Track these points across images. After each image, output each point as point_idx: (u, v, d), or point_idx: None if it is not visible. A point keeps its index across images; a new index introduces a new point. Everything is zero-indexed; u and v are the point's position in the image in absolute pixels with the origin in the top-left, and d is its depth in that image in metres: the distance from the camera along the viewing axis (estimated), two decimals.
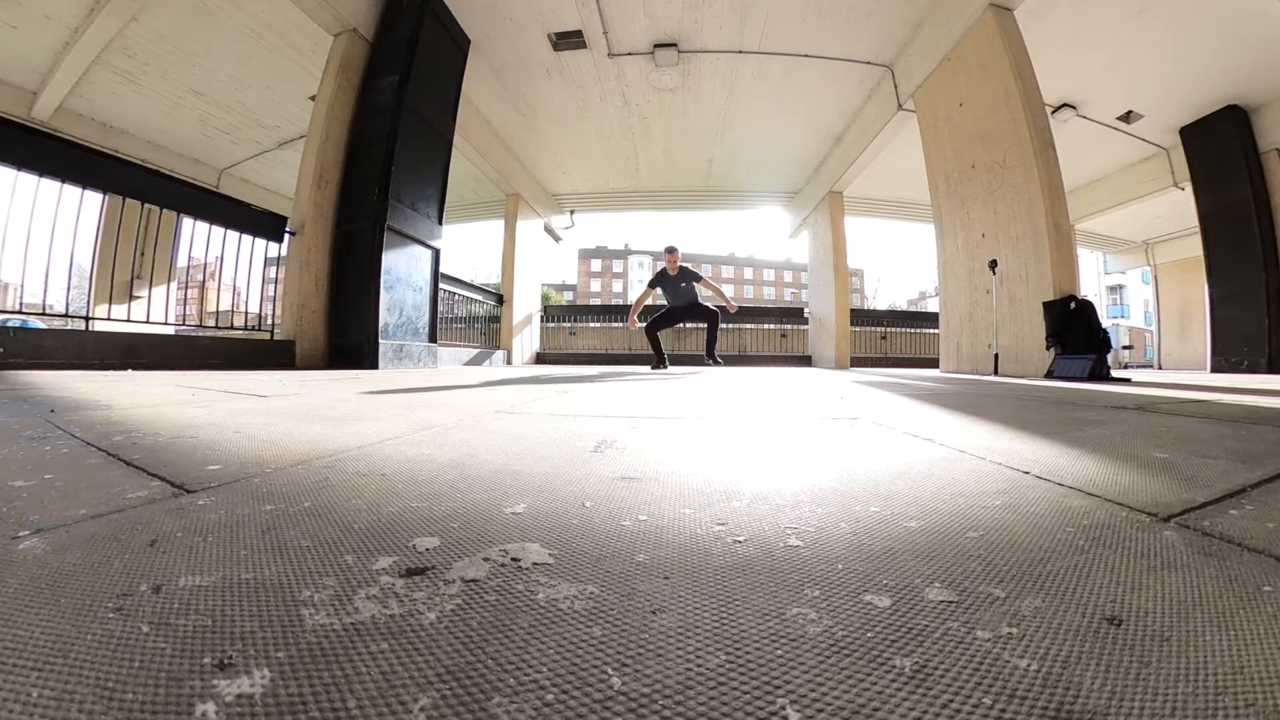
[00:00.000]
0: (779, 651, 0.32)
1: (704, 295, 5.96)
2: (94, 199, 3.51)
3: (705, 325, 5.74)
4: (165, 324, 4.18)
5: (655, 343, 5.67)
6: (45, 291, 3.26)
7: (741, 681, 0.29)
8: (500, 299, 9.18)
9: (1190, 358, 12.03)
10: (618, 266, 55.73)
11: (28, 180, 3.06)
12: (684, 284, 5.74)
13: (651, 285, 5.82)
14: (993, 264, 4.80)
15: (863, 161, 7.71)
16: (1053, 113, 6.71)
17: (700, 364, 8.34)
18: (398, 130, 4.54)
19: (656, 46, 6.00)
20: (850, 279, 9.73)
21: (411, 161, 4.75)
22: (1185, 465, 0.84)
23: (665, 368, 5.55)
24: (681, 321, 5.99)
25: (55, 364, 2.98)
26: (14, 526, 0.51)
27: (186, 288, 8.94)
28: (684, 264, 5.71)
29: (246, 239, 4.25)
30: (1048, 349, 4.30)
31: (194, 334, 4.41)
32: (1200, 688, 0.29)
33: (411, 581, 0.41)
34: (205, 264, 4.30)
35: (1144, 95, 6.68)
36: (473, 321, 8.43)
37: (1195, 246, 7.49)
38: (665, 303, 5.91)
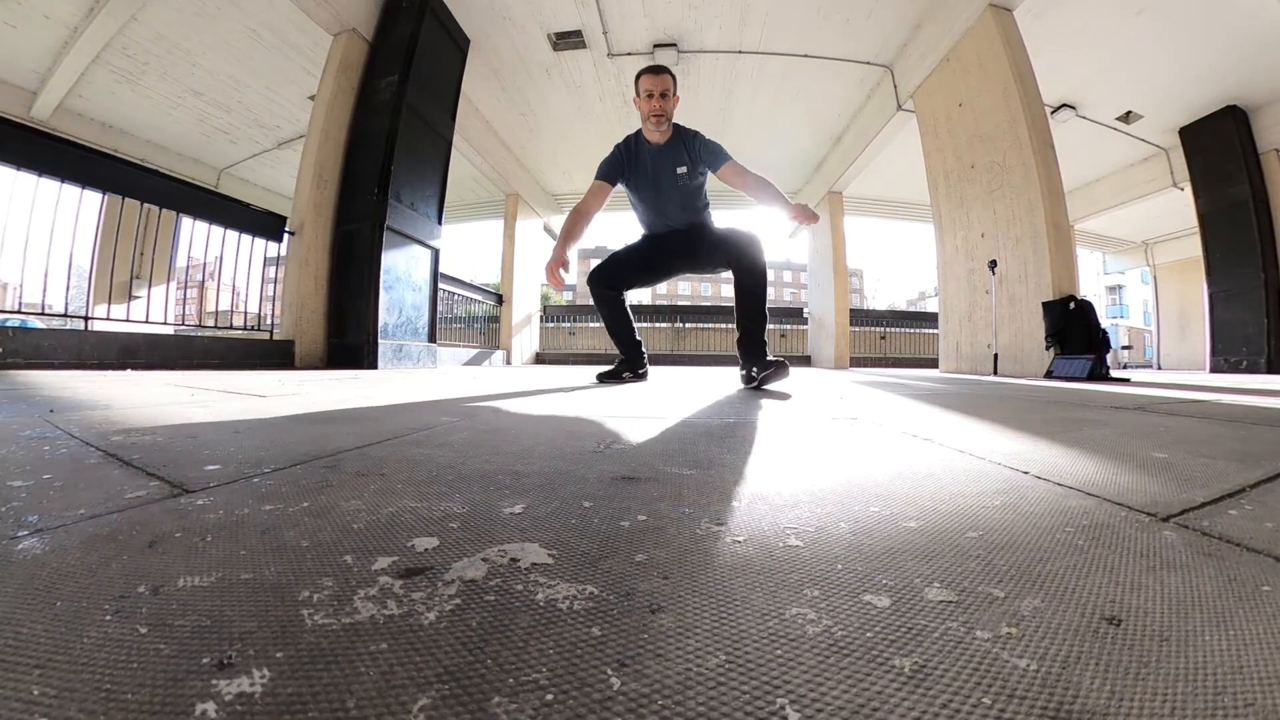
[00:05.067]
0: (778, 651, 0.32)
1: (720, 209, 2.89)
2: (93, 198, 3.51)
3: (734, 277, 2.55)
4: (164, 324, 4.18)
5: (620, 323, 2.75)
6: (44, 291, 3.26)
7: (741, 681, 0.29)
8: (500, 299, 9.18)
9: (1189, 358, 12.05)
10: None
11: (27, 180, 3.06)
12: (680, 171, 2.56)
13: (607, 176, 2.63)
14: (992, 264, 4.80)
15: (862, 161, 7.72)
16: (1052, 113, 6.72)
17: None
18: (397, 130, 4.54)
19: (656, 46, 6.00)
20: (850, 279, 9.74)
21: (411, 161, 4.75)
22: (1184, 465, 0.84)
23: (637, 376, 2.80)
24: (676, 270, 2.79)
25: (54, 364, 2.97)
26: (12, 526, 0.51)
27: (185, 288, 8.94)
28: (685, 126, 2.61)
29: (246, 239, 4.25)
30: (1047, 349, 4.30)
31: (193, 334, 4.41)
32: (1200, 688, 0.29)
33: (410, 582, 0.41)
34: (204, 264, 4.30)
35: (1143, 95, 6.68)
36: (472, 321, 8.43)
37: (1195, 246, 7.50)
38: (639, 219, 2.81)
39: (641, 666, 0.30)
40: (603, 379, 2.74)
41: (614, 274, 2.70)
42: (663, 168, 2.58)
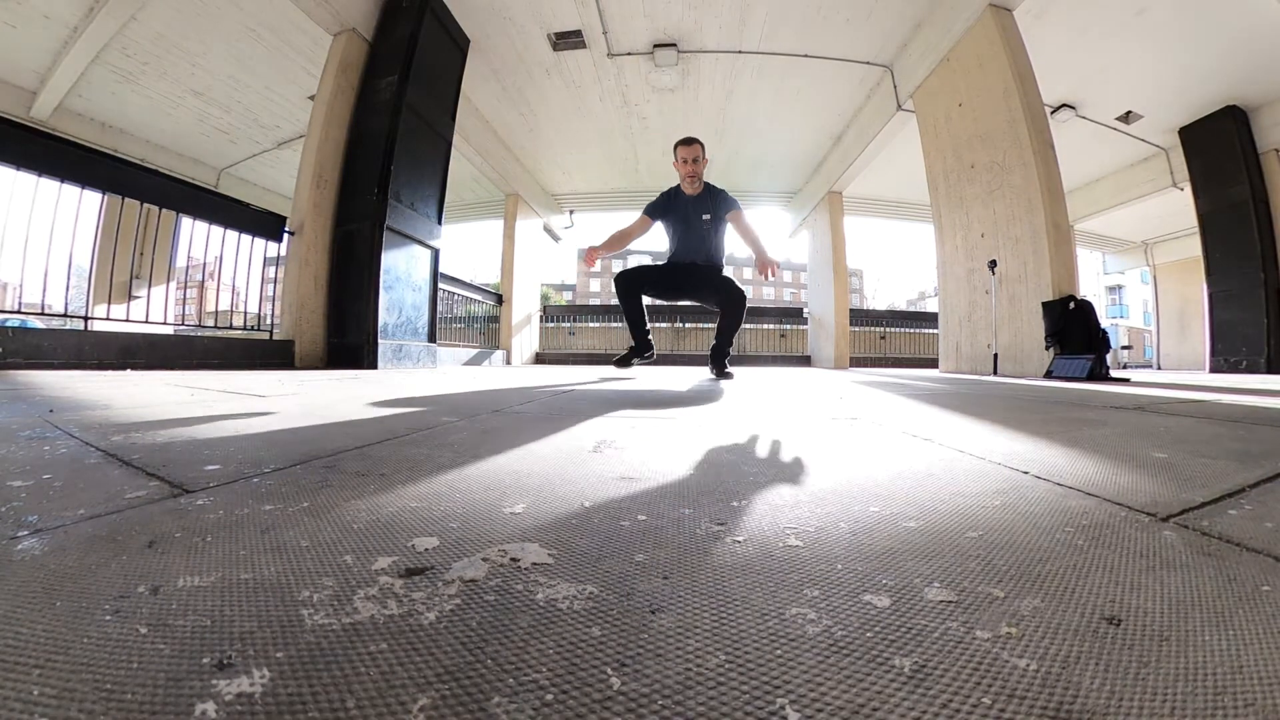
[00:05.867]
0: (778, 651, 0.32)
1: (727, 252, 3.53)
2: (93, 198, 3.51)
3: (720, 311, 3.38)
4: (164, 324, 4.18)
5: (636, 317, 3.37)
6: (44, 291, 3.26)
7: (741, 681, 0.29)
8: (499, 299, 9.18)
9: (1189, 358, 12.05)
10: (617, 266, 55.93)
11: (27, 179, 3.06)
12: (705, 217, 3.29)
13: (650, 213, 3.41)
14: (992, 264, 4.80)
15: (862, 161, 7.71)
16: (1052, 113, 6.71)
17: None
18: (397, 130, 4.54)
19: (656, 46, 6.00)
20: (850, 279, 9.74)
21: (411, 161, 4.75)
22: (1184, 465, 0.84)
23: (637, 361, 3.45)
24: (678, 293, 3.54)
25: (54, 364, 2.97)
26: (12, 526, 0.51)
27: (185, 287, 8.94)
28: (714, 184, 3.38)
29: (245, 238, 4.25)
30: (1047, 349, 4.30)
31: (193, 334, 4.41)
32: (1199, 687, 0.29)
33: (410, 582, 0.41)
34: (204, 264, 4.29)
35: (1143, 95, 6.68)
36: (472, 321, 8.43)
37: (1194, 246, 7.50)
38: (668, 249, 3.52)
39: (641, 666, 0.30)
40: (619, 364, 3.44)
41: (637, 281, 3.40)
42: (694, 214, 3.36)
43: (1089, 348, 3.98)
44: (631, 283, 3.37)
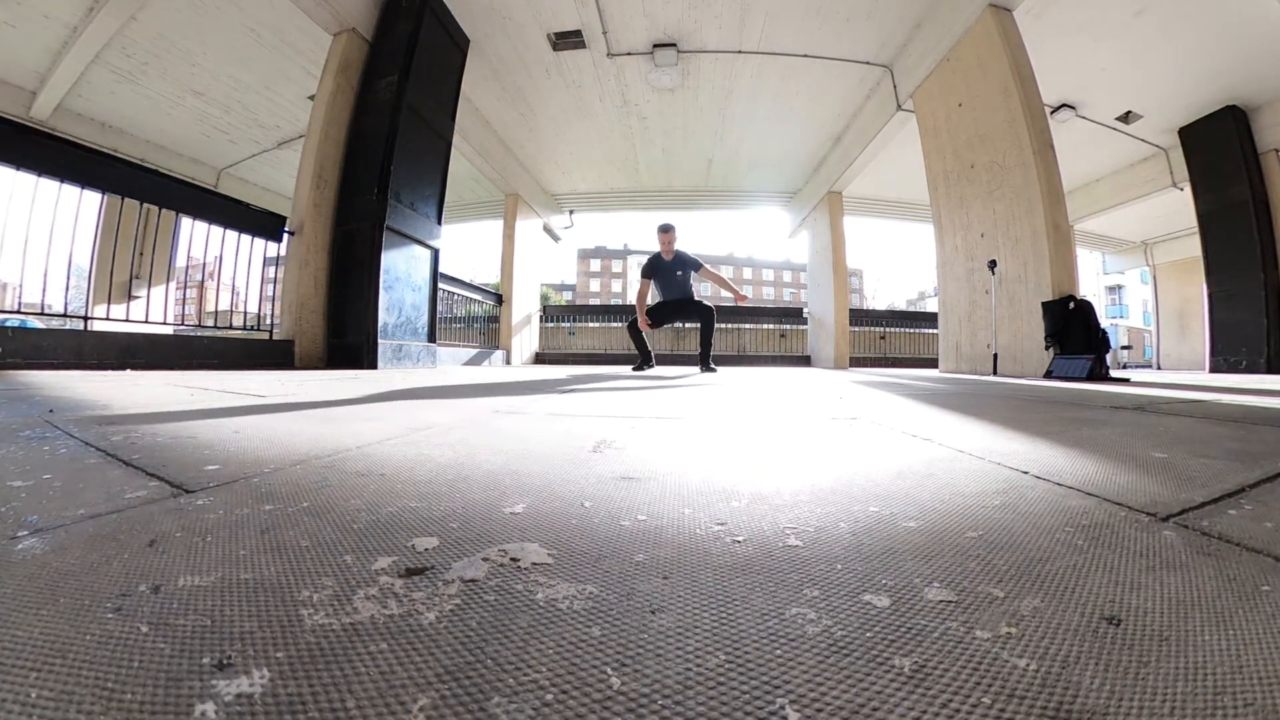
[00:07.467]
0: (778, 651, 0.32)
1: (700, 290, 5.33)
2: (92, 198, 3.51)
3: (699, 325, 5.06)
4: (164, 324, 4.18)
5: (639, 340, 5.05)
6: (44, 291, 3.25)
7: (741, 681, 0.29)
8: (499, 299, 9.18)
9: (1189, 358, 12.05)
10: (617, 266, 55.96)
11: (26, 180, 3.06)
12: (679, 273, 5.03)
13: (647, 276, 5.06)
14: (992, 264, 4.80)
15: (862, 161, 7.71)
16: (1052, 113, 6.71)
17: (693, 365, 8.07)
18: (397, 130, 4.54)
19: (656, 46, 6.00)
20: (850, 279, 9.73)
21: (410, 161, 4.75)
22: (1184, 465, 0.84)
23: (650, 367, 4.92)
24: (671, 320, 5.25)
25: (54, 364, 2.97)
26: (13, 526, 0.51)
27: (185, 288, 8.94)
28: (681, 249, 5.03)
29: (245, 239, 4.25)
30: (1046, 349, 4.30)
31: (193, 334, 4.41)
32: (1199, 687, 0.29)
33: (410, 581, 0.41)
34: (204, 264, 4.29)
35: (1143, 95, 6.68)
36: (471, 321, 8.42)
37: (1194, 246, 7.50)
38: (657, 294, 5.19)
39: (641, 666, 0.30)
40: (639, 370, 4.83)
41: (657, 316, 5.10)
42: (671, 272, 5.02)
43: (1089, 348, 3.98)
44: (654, 317, 5.14)
